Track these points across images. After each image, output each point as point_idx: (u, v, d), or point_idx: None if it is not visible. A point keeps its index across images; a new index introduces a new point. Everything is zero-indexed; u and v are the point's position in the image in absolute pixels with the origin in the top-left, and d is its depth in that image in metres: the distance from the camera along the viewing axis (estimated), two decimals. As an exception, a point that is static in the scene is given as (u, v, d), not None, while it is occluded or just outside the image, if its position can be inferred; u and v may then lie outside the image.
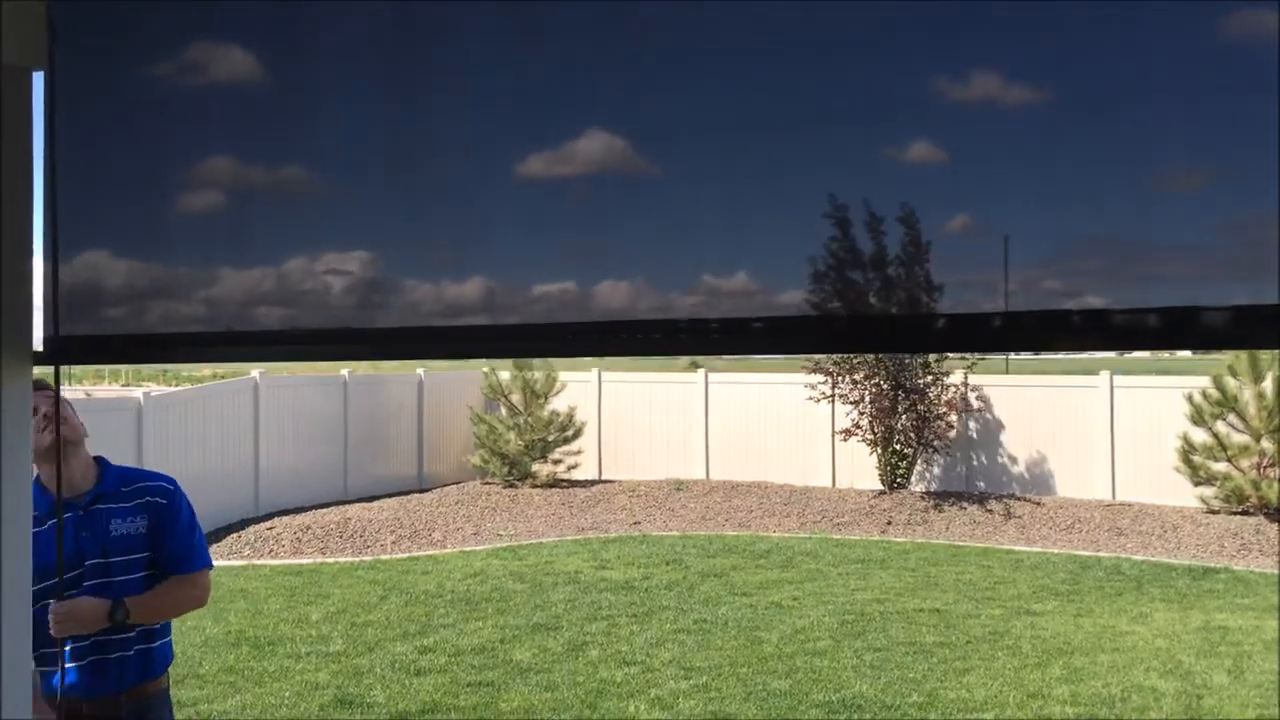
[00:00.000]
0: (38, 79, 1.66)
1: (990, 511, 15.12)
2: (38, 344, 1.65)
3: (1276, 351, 14.13)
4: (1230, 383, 14.43)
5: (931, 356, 15.89)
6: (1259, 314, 1.06)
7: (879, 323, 1.25)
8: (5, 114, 1.59)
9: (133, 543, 3.37)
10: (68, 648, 3.27)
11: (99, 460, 3.49)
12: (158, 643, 3.46)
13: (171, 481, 3.54)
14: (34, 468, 3.36)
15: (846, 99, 1.27)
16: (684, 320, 1.34)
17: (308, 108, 1.54)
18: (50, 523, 3.24)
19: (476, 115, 1.44)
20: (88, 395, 22.81)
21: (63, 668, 3.27)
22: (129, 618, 3.30)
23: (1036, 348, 1.23)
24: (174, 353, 1.61)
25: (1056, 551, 13.28)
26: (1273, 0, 1.05)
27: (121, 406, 13.79)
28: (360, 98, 1.51)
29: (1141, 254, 1.15)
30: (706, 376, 18.36)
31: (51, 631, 3.18)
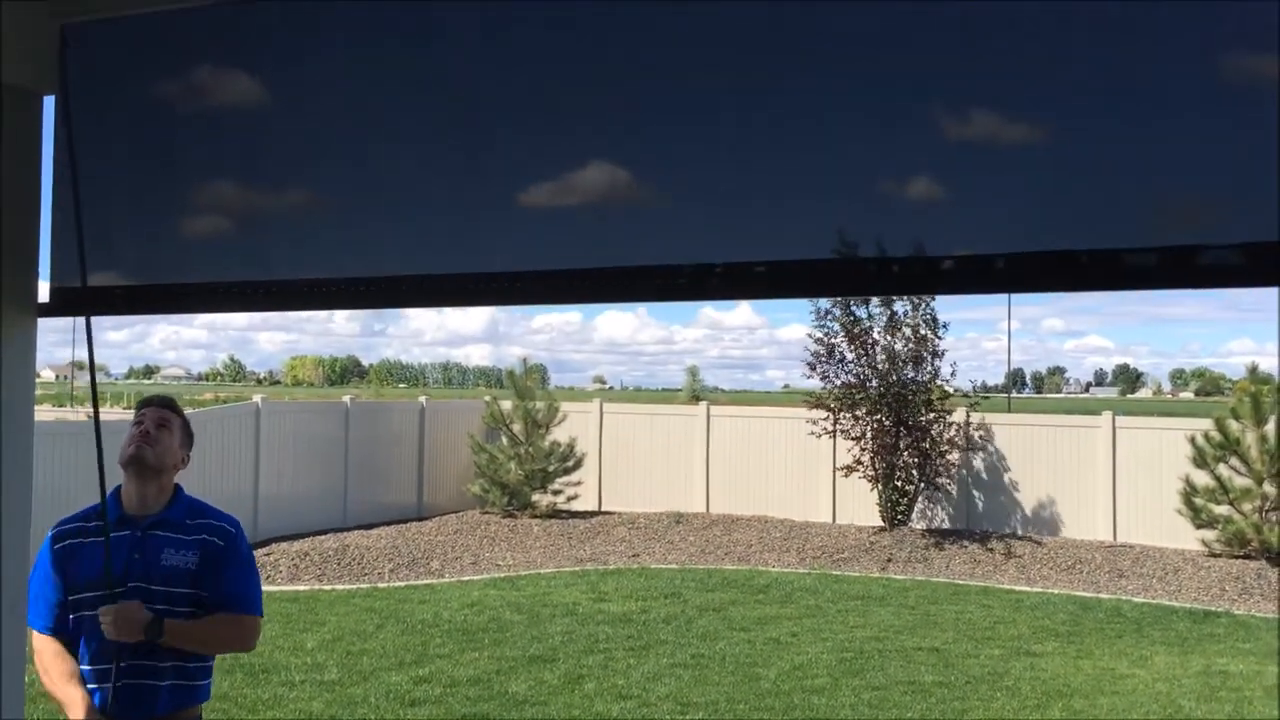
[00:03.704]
0: (48, 103, 1.69)
1: (991, 550, 15.05)
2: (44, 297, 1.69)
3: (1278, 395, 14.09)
4: (1233, 425, 14.40)
5: (934, 395, 15.85)
6: (1264, 250, 1.05)
7: (885, 265, 1.22)
8: (7, 136, 1.61)
9: (178, 576, 3.31)
10: (103, 667, 3.24)
11: (176, 488, 3.48)
12: (197, 681, 3.39)
13: (235, 524, 3.50)
14: (121, 476, 3.39)
15: (849, 136, 1.27)
16: (687, 265, 1.32)
17: (312, 134, 1.55)
18: (110, 535, 3.26)
19: (480, 146, 1.45)
20: (88, 417, 22.77)
21: (112, 686, 3.22)
22: (162, 637, 3.23)
23: (1039, 288, 1.18)
24: (180, 303, 1.63)
25: (1057, 592, 13.21)
26: (1272, 45, 1.06)
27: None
28: (364, 126, 1.52)
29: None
30: (708, 409, 18.35)
31: (105, 634, 3.15)
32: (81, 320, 1.69)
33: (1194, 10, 1.10)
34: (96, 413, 1.79)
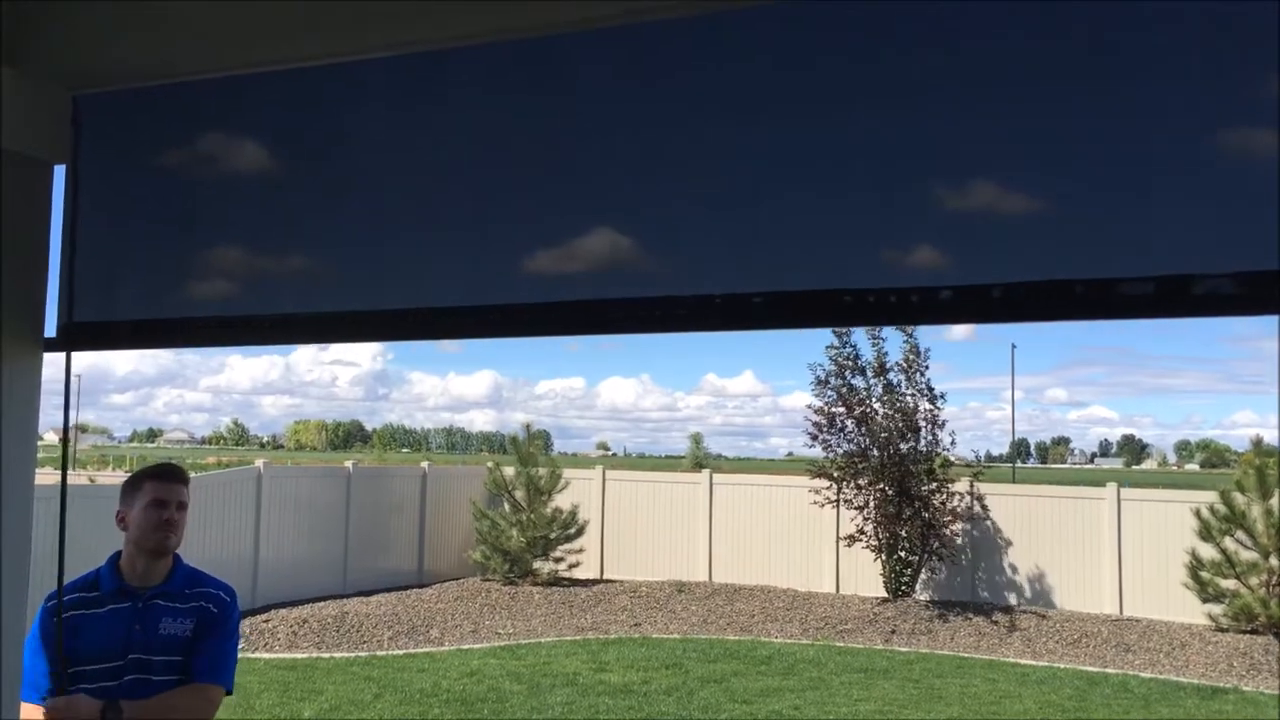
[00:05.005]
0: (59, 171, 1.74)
1: (996, 623, 14.90)
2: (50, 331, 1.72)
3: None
4: (1238, 499, 14.31)
5: (936, 464, 15.79)
6: (1259, 279, 1.06)
7: (883, 296, 1.22)
8: (17, 202, 1.66)
9: (175, 645, 3.31)
10: None
11: (175, 558, 3.51)
12: None
13: (231, 593, 3.51)
14: (130, 549, 3.37)
15: (852, 206, 1.29)
16: (688, 296, 1.33)
17: (320, 202, 1.58)
18: (110, 607, 3.27)
19: (487, 213, 1.47)
20: (91, 481, 22.71)
21: None
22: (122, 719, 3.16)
23: (1035, 317, 1.18)
24: (181, 337, 1.65)
25: (1063, 666, 13.05)
26: (1271, 119, 1.07)
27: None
28: (370, 195, 1.54)
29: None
30: (711, 477, 18.27)
31: None
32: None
33: (1195, 85, 1.13)
34: (64, 457, 1.81)
